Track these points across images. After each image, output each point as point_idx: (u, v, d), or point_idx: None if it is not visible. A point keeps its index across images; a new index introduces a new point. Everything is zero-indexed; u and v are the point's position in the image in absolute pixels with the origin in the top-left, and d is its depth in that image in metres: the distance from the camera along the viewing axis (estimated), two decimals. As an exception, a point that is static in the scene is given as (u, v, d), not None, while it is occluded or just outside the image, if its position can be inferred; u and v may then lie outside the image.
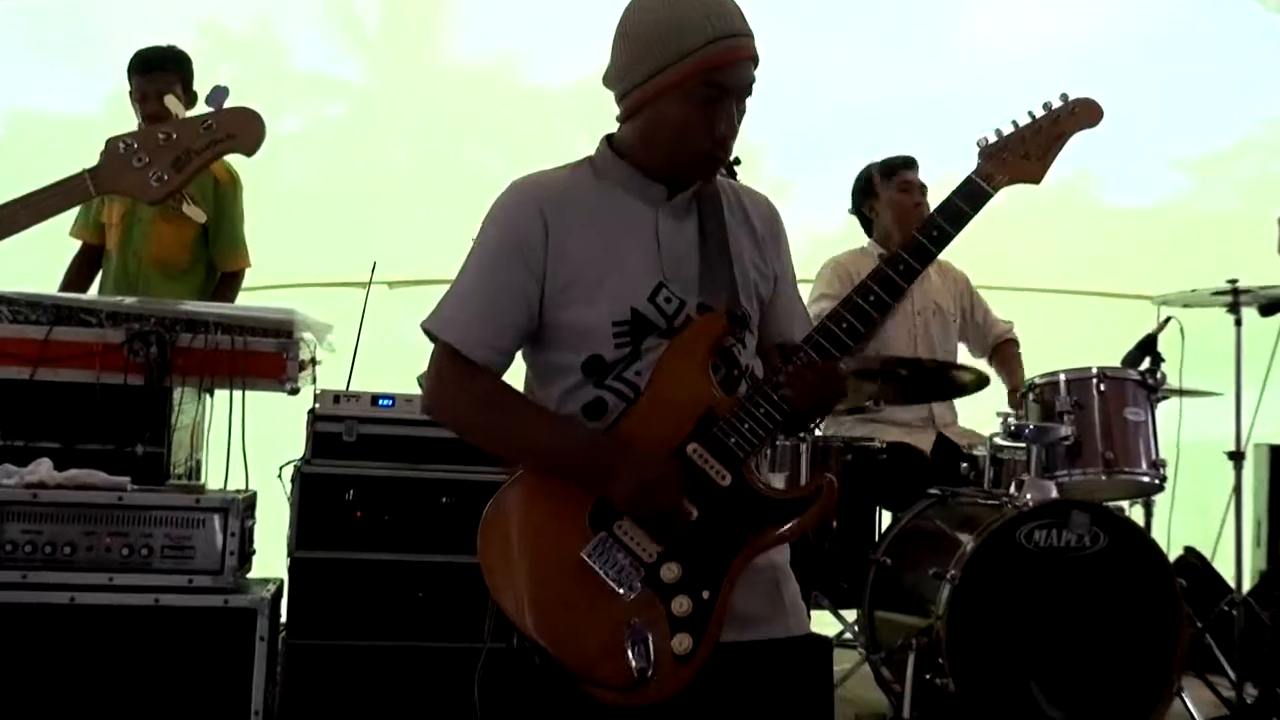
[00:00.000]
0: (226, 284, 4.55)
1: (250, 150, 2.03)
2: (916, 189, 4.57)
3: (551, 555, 1.96)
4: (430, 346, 2.08)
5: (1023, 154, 2.09)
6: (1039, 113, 2.11)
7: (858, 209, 4.76)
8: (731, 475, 1.96)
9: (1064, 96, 2.12)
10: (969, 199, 2.05)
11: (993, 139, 2.09)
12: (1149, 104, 7.13)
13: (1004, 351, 4.75)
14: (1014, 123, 2.10)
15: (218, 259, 4.53)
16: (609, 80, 2.11)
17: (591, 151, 2.15)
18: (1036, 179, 2.10)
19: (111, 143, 2.00)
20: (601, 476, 1.95)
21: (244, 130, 2.02)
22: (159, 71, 4.45)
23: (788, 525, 1.98)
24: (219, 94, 2.03)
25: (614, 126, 2.14)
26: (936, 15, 7.01)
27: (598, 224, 2.06)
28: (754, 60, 2.04)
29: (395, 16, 7.73)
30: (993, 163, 2.08)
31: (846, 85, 6.83)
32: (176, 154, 2.00)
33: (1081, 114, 2.12)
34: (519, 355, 2.13)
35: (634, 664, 1.88)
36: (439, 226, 6.04)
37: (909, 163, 4.62)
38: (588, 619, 1.92)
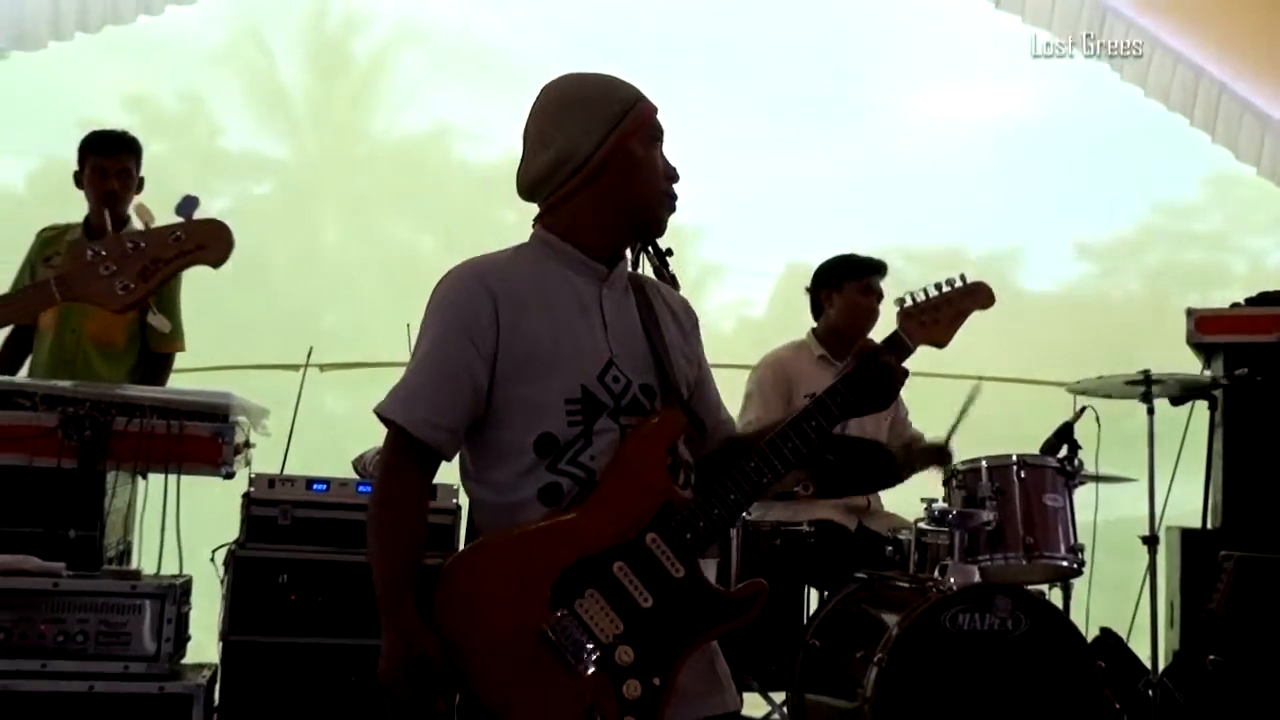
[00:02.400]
0: (161, 365, 4.54)
1: (218, 263, 2.00)
2: (877, 295, 4.56)
3: (512, 626, 1.98)
4: (367, 430, 2.13)
5: (934, 320, 2.26)
6: (945, 287, 2.27)
7: (815, 291, 4.70)
8: (685, 568, 2.03)
9: (962, 277, 2.31)
10: (896, 350, 2.22)
11: (909, 303, 2.26)
12: (1056, 191, 7.40)
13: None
14: (925, 291, 2.27)
15: (154, 342, 4.51)
16: (546, 169, 2.15)
17: (523, 232, 2.21)
18: (943, 344, 2.29)
19: (79, 248, 1.99)
20: (384, 633, 2.00)
21: (213, 242, 2.00)
22: (124, 153, 4.51)
23: (730, 623, 2.06)
24: (189, 204, 2.01)
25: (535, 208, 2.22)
26: (860, 108, 7.22)
27: (548, 302, 2.11)
28: None
29: (324, 94, 7.77)
30: (912, 322, 2.25)
31: (777, 172, 6.99)
32: (144, 263, 1.98)
33: (980, 295, 2.31)
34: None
35: None
36: (369, 308, 6.09)
37: (879, 268, 4.61)
38: (544, 693, 1.96)
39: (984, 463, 4.06)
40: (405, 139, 7.54)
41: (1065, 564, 4.05)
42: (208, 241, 1.99)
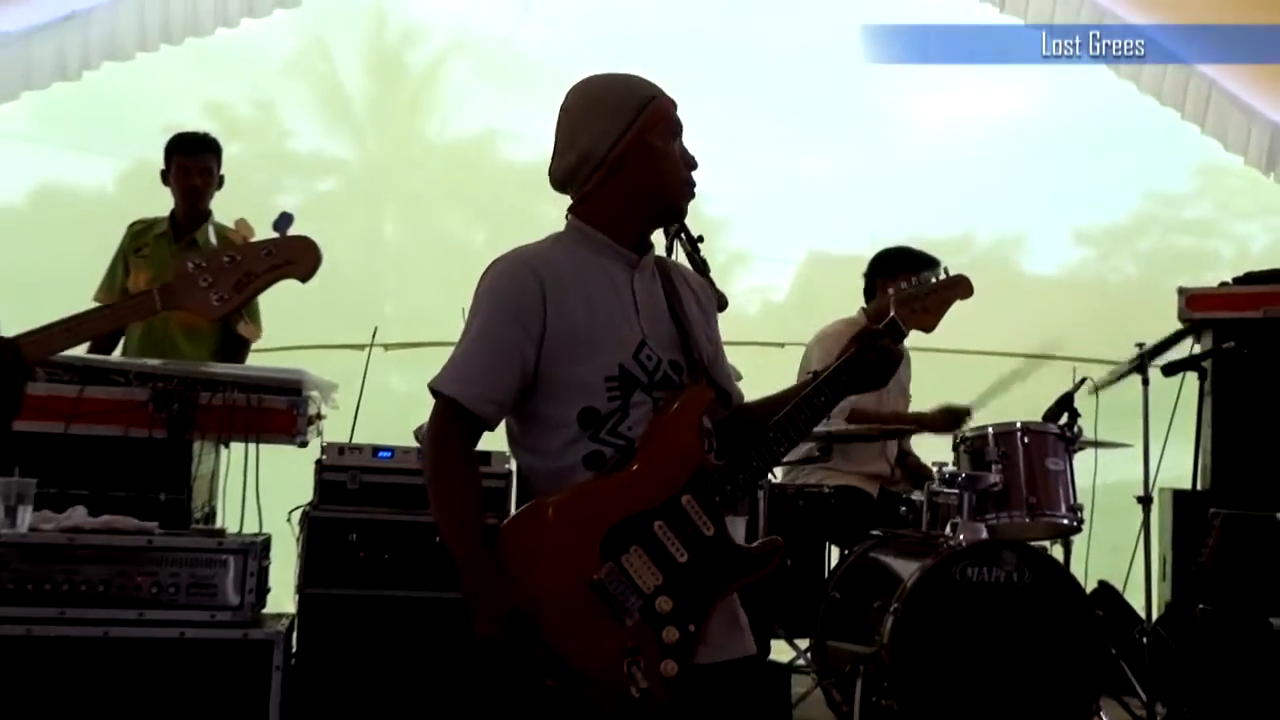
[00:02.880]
0: (240, 345, 4.54)
1: (305, 277, 1.98)
2: None
3: (566, 578, 1.99)
4: (427, 403, 2.12)
5: (924, 308, 2.29)
6: (933, 279, 2.32)
7: (871, 276, 4.66)
8: (715, 527, 2.05)
9: (945, 270, 2.36)
10: (893, 334, 2.24)
11: (902, 292, 2.29)
12: (1056, 182, 7.35)
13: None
14: (917, 282, 2.31)
15: (234, 326, 4.54)
16: (574, 166, 2.16)
17: (562, 224, 2.20)
18: (929, 329, 2.34)
19: (183, 264, 1.98)
20: (472, 595, 1.99)
21: (301, 257, 1.98)
22: (207, 153, 4.57)
23: (752, 576, 2.08)
24: (284, 221, 2.00)
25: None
26: (875, 105, 7.19)
27: (586, 287, 2.11)
28: None
29: (383, 100, 7.80)
30: (905, 310, 2.27)
31: (798, 167, 6.97)
32: (238, 276, 1.96)
33: (960, 286, 2.33)
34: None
35: (636, 686, 1.95)
36: (426, 293, 6.12)
37: (933, 263, 4.43)
38: (593, 637, 1.97)
39: (990, 429, 4.07)
40: (456, 140, 7.56)
41: (1066, 522, 4.04)
42: (296, 257, 1.97)
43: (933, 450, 4.34)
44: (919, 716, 3.55)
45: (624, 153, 2.12)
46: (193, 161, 4.53)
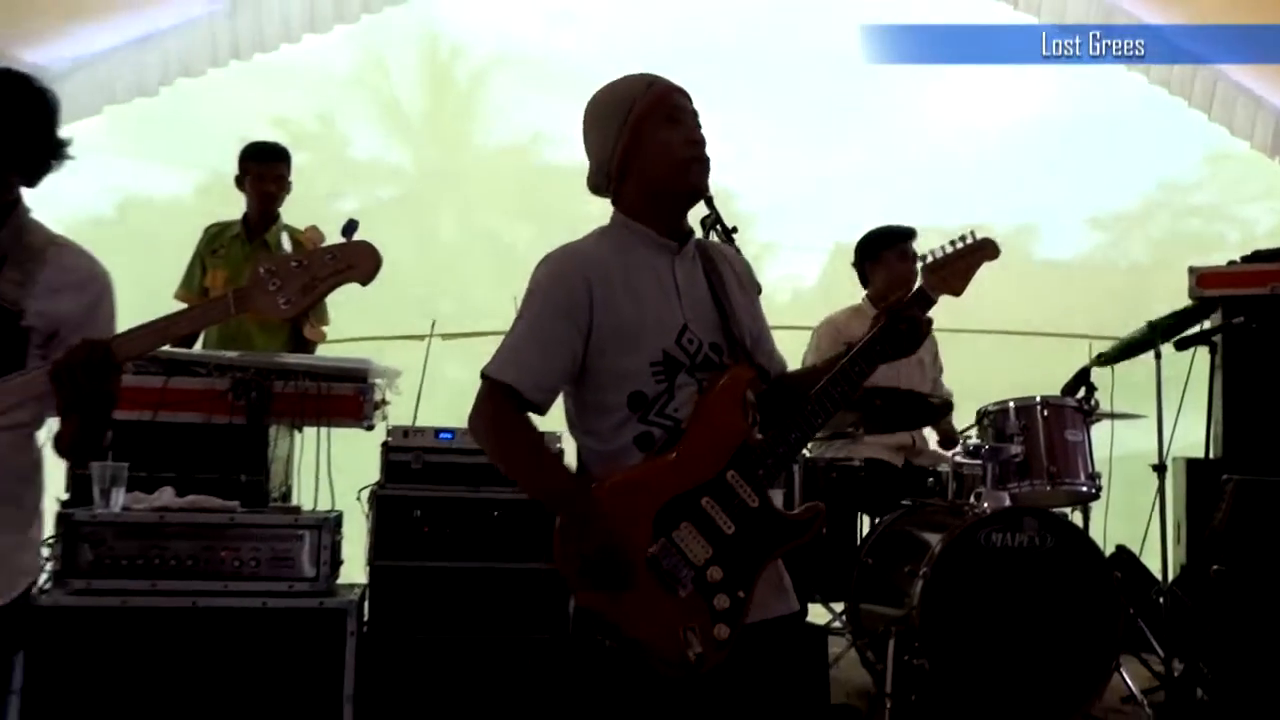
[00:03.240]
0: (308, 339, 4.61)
1: (366, 280, 1.98)
2: (912, 258, 4.40)
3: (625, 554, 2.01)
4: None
5: (951, 274, 2.22)
6: (959, 244, 2.23)
7: (859, 265, 4.63)
8: (759, 498, 2.05)
9: (972, 234, 2.25)
10: (921, 303, 2.19)
11: (930, 260, 2.22)
12: (1069, 172, 7.27)
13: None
14: (942, 248, 2.22)
15: (300, 327, 4.52)
16: (595, 175, 2.20)
17: (604, 221, 2.20)
18: (957, 293, 2.24)
19: (255, 270, 1.98)
20: (571, 523, 2.01)
21: (363, 262, 1.97)
22: (280, 162, 4.65)
23: (796, 541, 2.08)
24: (350, 228, 2.00)
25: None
26: (895, 103, 7.15)
27: (630, 280, 2.11)
28: (690, 98, 2.19)
29: (434, 108, 7.84)
30: (933, 277, 2.21)
31: (824, 163, 6.94)
32: (305, 281, 1.96)
33: (988, 248, 2.25)
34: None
35: (692, 650, 1.96)
36: (478, 287, 6.15)
37: (909, 234, 4.52)
38: (650, 609, 1.98)
39: (1011, 404, 4.04)
40: (502, 145, 7.59)
41: (1084, 489, 4.01)
42: (358, 262, 1.97)
43: (958, 423, 4.32)
44: (949, 674, 3.53)
45: (625, 151, 2.13)
46: (267, 169, 4.60)
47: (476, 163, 7.59)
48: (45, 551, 2.99)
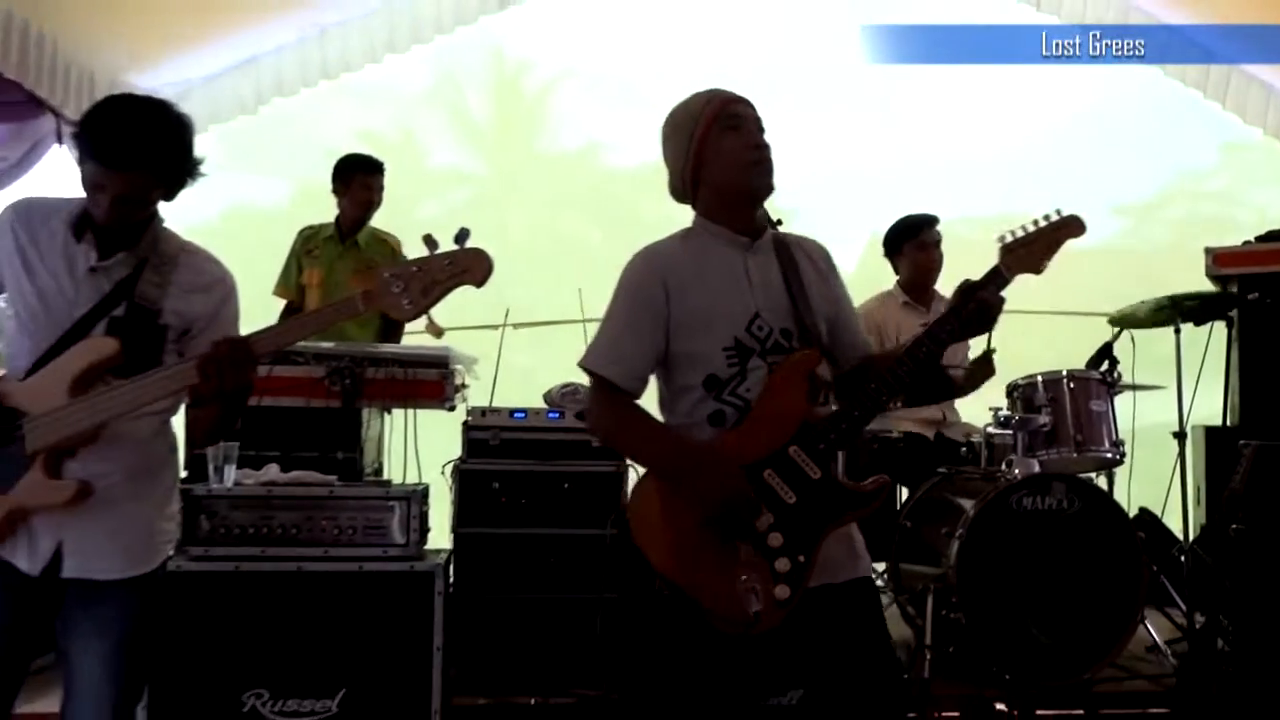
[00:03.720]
0: (397, 328, 4.62)
1: (480, 282, 2.00)
2: (933, 244, 4.40)
3: (686, 522, 2.02)
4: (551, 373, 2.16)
5: (1030, 253, 2.13)
6: (1041, 223, 2.15)
7: (889, 253, 4.54)
8: (821, 470, 2.04)
9: (1058, 212, 2.17)
10: (994, 282, 2.12)
11: (1009, 239, 2.14)
12: (1093, 161, 7.13)
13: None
14: (1023, 227, 2.14)
15: (427, 328, 4.59)
16: (673, 184, 2.24)
17: (658, 221, 2.26)
18: (1038, 271, 2.15)
19: (380, 274, 2.03)
20: (691, 479, 2.03)
21: (475, 266, 1.99)
22: (380, 174, 4.69)
23: (860, 511, 2.07)
24: (463, 235, 2.02)
25: (672, 200, 2.26)
26: (926, 101, 7.06)
27: (704, 274, 2.14)
28: (751, 105, 2.19)
29: (503, 120, 7.88)
30: (1011, 256, 2.13)
31: (860, 159, 6.88)
32: (425, 284, 1.99)
33: (1073, 225, 2.16)
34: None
35: (751, 607, 1.97)
36: (545, 280, 6.18)
37: (926, 223, 4.45)
38: (714, 570, 2.00)
39: (1039, 377, 3.97)
40: (564, 152, 7.61)
41: (1109, 456, 3.94)
42: (471, 266, 1.99)
43: (990, 397, 4.26)
44: (983, 627, 3.51)
45: (695, 161, 2.16)
46: (372, 179, 4.66)
47: (540, 167, 7.63)
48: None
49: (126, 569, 2.21)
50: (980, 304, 2.10)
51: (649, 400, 2.23)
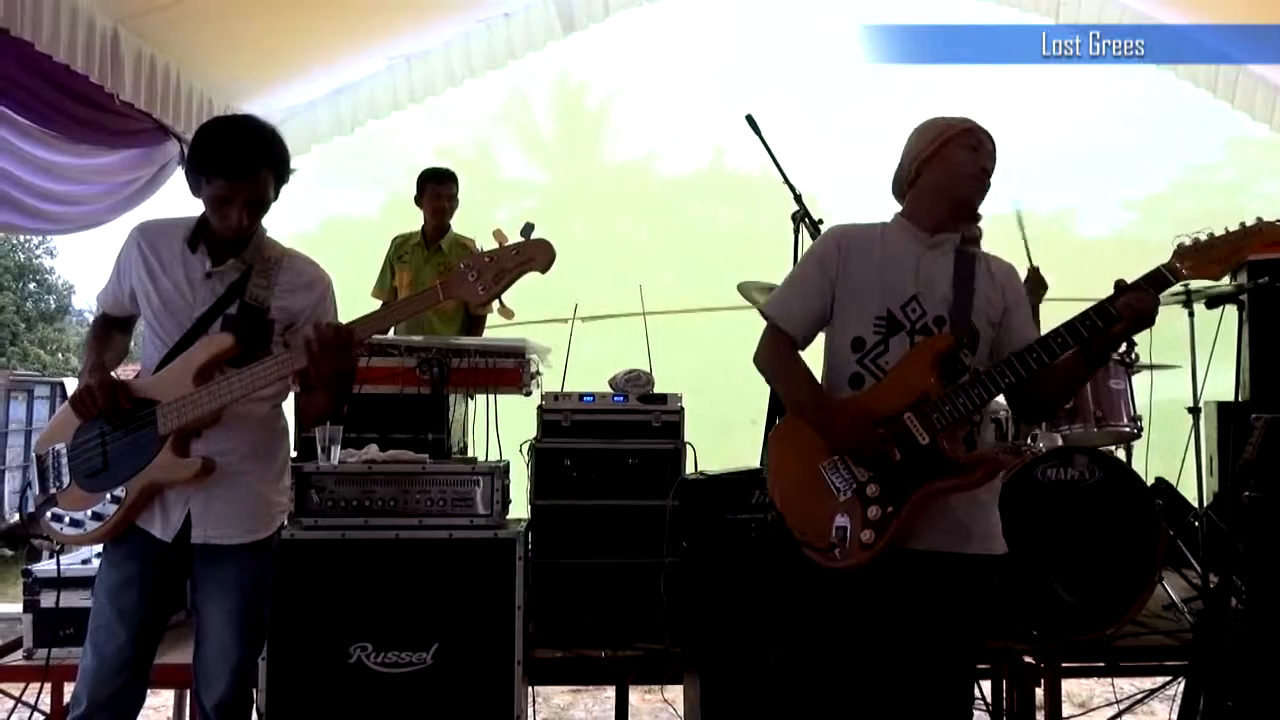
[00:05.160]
0: (478, 322, 4.68)
1: (545, 268, 2.05)
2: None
3: (803, 463, 2.08)
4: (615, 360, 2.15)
5: (1209, 259, 2.02)
6: (1228, 230, 2.04)
7: None
8: (929, 437, 2.03)
9: (1259, 219, 2.04)
10: (1153, 284, 2.02)
11: (1188, 243, 2.04)
12: (1104, 161, 6.94)
13: None
14: (1206, 232, 2.03)
15: (473, 309, 4.60)
16: (896, 178, 2.26)
17: (707, 224, 2.26)
18: (1217, 277, 2.05)
19: (457, 266, 2.07)
20: (826, 429, 2.07)
21: (540, 255, 2.04)
22: (450, 182, 4.71)
23: (953, 479, 2.03)
24: (528, 229, 2.06)
25: (719, 203, 2.27)
26: (949, 106, 6.92)
27: (877, 254, 2.16)
28: (993, 141, 2.20)
29: (566, 134, 7.87)
30: (1185, 262, 2.03)
31: (887, 163, 6.77)
32: (496, 271, 2.03)
33: (1267, 232, 2.02)
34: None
35: (832, 539, 2.02)
36: (608, 277, 6.17)
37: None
38: (814, 506, 2.05)
39: (1062, 358, 3.89)
40: (623, 162, 7.58)
41: (1127, 430, 3.87)
42: (536, 255, 2.03)
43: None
44: (1013, 588, 3.44)
45: (923, 161, 2.19)
46: (442, 189, 4.67)
47: (602, 176, 7.60)
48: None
49: (245, 535, 2.26)
50: (1129, 302, 1.99)
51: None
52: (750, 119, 3.13)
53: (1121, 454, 4.00)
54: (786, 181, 3.16)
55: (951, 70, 6.15)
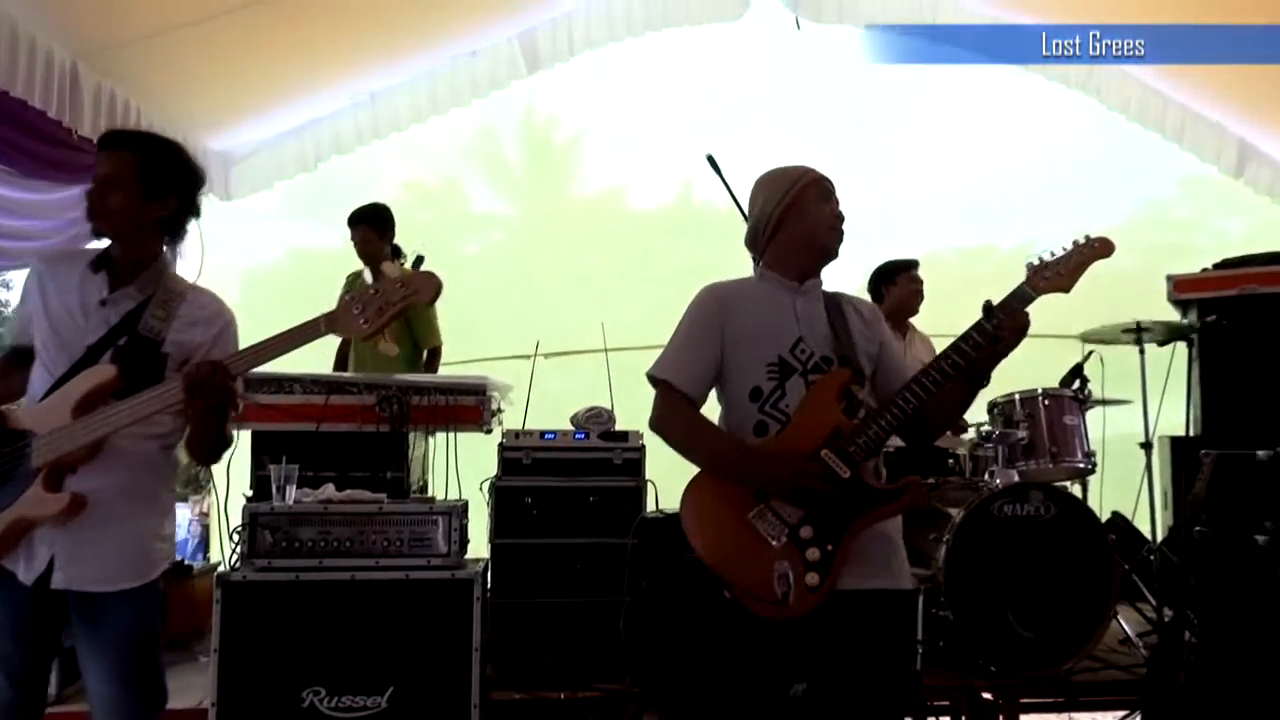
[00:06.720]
0: (432, 357, 4.61)
1: (430, 301, 2.05)
2: (919, 282, 4.41)
3: (729, 517, 2.04)
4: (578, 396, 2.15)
5: (1058, 273, 2.08)
6: (1069, 247, 2.10)
7: (875, 287, 4.52)
8: (850, 471, 2.03)
9: (1087, 236, 2.11)
10: (1018, 301, 2.07)
11: (1037, 261, 2.09)
12: (1064, 198, 7.07)
13: None
14: (1050, 252, 2.09)
15: (421, 341, 4.55)
16: (751, 232, 2.29)
17: (674, 258, 2.27)
18: (1066, 290, 2.09)
19: (342, 298, 2.03)
20: (757, 475, 2.05)
21: (425, 287, 2.02)
22: (363, 225, 4.58)
23: (886, 507, 2.05)
24: (418, 261, 2.08)
25: (686, 238, 2.28)
26: (913, 146, 7.04)
27: (756, 302, 2.19)
28: (833, 186, 2.26)
29: (535, 168, 7.89)
30: (1037, 277, 2.08)
31: (854, 199, 6.85)
32: (379, 305, 2.00)
33: (1100, 248, 2.10)
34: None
35: (781, 589, 1.98)
36: (573, 313, 6.17)
37: (915, 264, 4.45)
38: (752, 557, 2.01)
39: (1016, 395, 3.94)
40: (591, 197, 7.61)
41: (1082, 465, 3.90)
42: (421, 287, 2.01)
43: (971, 414, 4.23)
44: (970, 624, 3.46)
45: (783, 213, 2.22)
46: (354, 233, 4.58)
47: (569, 211, 7.62)
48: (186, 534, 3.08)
49: (120, 581, 2.14)
50: (1007, 324, 2.06)
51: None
52: (711, 159, 3.12)
53: (1077, 489, 4.04)
54: (748, 220, 3.18)
55: (907, 114, 6.25)
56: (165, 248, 2.28)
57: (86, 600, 2.13)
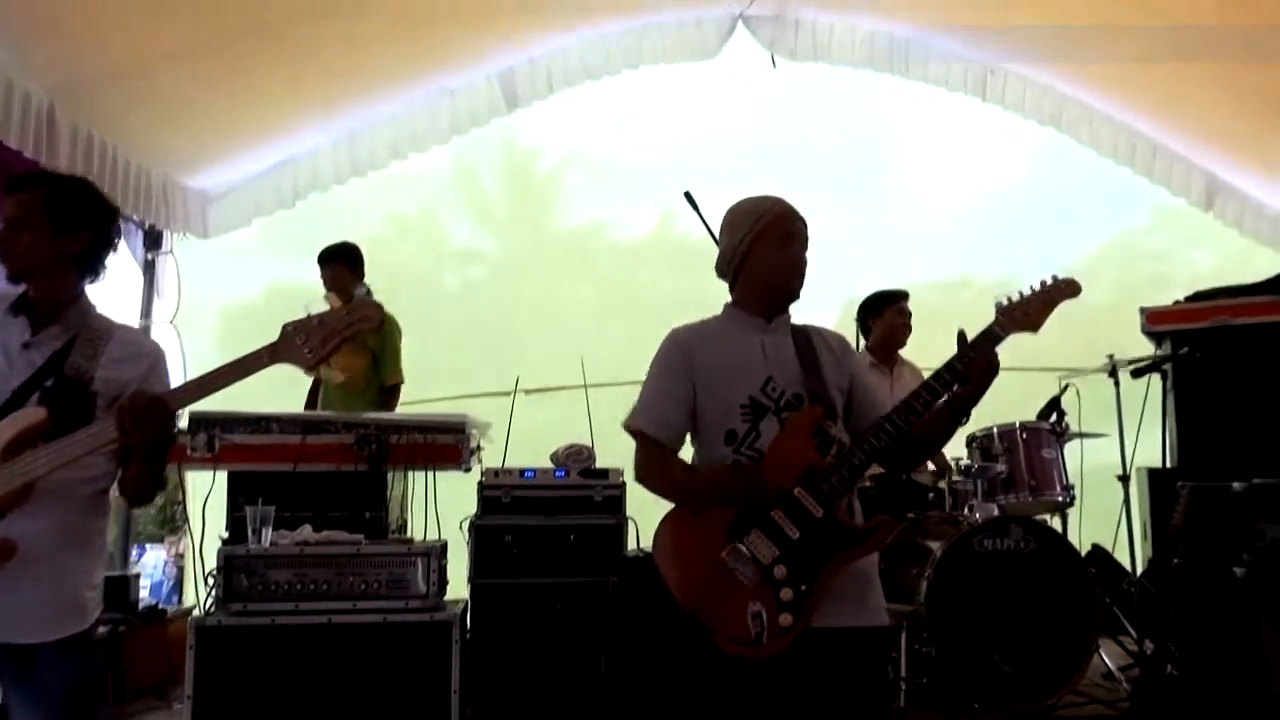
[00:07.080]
0: (390, 394, 4.53)
1: (372, 329, 2.04)
2: (907, 314, 4.40)
3: (701, 556, 2.03)
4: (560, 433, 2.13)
5: (1025, 313, 2.09)
6: (1037, 287, 2.12)
7: (863, 320, 4.51)
8: (823, 510, 2.03)
9: (1054, 277, 2.13)
10: (988, 339, 2.08)
11: (1005, 302, 2.10)
12: (1039, 231, 7.15)
13: None
14: (1019, 292, 2.11)
15: (383, 376, 4.50)
16: (720, 262, 2.29)
17: (655, 290, 2.26)
18: (1034, 329, 2.10)
19: (285, 327, 1.99)
20: (736, 484, 2.06)
21: (369, 315, 2.00)
22: (333, 263, 4.58)
23: (859, 547, 2.04)
24: (366, 291, 2.10)
25: (667, 269, 2.26)
26: (893, 182, 7.11)
27: (725, 347, 2.19)
28: (805, 224, 2.24)
29: (516, 202, 7.89)
30: (1006, 317, 2.09)
31: (832, 231, 6.90)
32: (324, 334, 1.96)
33: (1067, 288, 2.12)
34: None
35: (755, 629, 1.96)
36: (554, 347, 6.16)
37: (903, 295, 4.45)
38: (725, 597, 1.99)
39: (995, 429, 3.98)
40: (572, 231, 7.62)
41: (1060, 499, 3.93)
42: (365, 314, 2.00)
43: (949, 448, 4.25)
44: (952, 659, 3.46)
45: (745, 253, 2.22)
46: (323, 272, 4.59)
47: (550, 244, 7.62)
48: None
49: (53, 631, 2.08)
50: (978, 363, 2.06)
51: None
52: (688, 195, 3.13)
53: (1056, 522, 4.06)
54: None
55: (883, 148, 6.32)
56: (84, 285, 2.25)
57: (18, 652, 2.06)
